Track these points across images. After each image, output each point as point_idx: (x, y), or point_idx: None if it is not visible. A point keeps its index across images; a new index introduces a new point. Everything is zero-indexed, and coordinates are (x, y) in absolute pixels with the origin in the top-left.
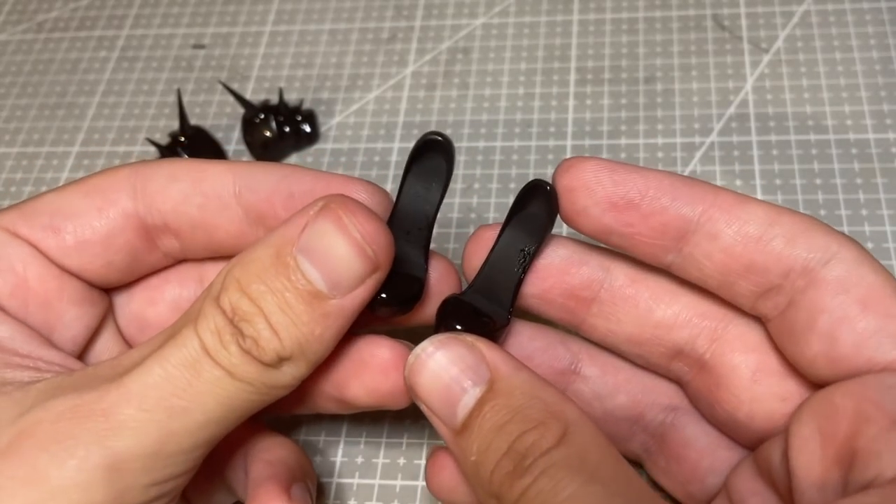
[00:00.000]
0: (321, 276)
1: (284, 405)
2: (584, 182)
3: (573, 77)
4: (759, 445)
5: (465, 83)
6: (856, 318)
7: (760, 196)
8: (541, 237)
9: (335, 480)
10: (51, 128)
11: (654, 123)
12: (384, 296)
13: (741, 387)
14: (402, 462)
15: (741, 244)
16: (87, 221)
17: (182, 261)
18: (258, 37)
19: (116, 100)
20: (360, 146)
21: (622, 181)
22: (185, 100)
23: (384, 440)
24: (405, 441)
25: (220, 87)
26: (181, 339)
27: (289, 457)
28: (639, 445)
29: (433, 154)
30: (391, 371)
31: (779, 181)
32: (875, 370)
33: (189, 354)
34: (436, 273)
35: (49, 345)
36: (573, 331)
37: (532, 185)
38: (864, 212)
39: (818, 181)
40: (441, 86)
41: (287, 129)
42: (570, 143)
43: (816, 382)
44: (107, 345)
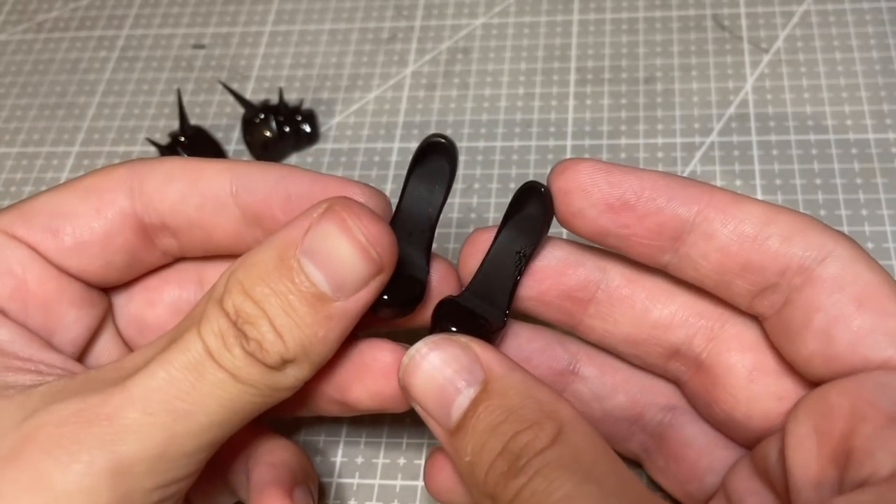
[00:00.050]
0: (325, 279)
1: (286, 407)
2: (580, 184)
3: (573, 77)
4: (757, 444)
5: (465, 83)
6: (851, 317)
7: (760, 196)
8: (537, 239)
9: (335, 480)
10: (51, 128)
11: (654, 123)
12: (386, 297)
13: (738, 386)
14: (402, 462)
15: (737, 243)
16: (86, 222)
17: (180, 259)
18: (258, 37)
19: (116, 100)
20: (360, 146)
21: (617, 182)
22: (185, 100)
23: (384, 440)
24: (405, 441)
25: (220, 87)
26: (184, 343)
27: (291, 459)
28: (638, 445)
29: (436, 156)
30: (393, 375)
31: (779, 181)
32: (870, 368)
33: (192, 357)
34: (436, 275)
35: (49, 347)
36: (570, 332)
37: (528, 187)
38: (864, 212)
39: (818, 181)
40: (441, 86)
41: (287, 129)
42: (570, 143)
43: (813, 381)
44: (106, 346)
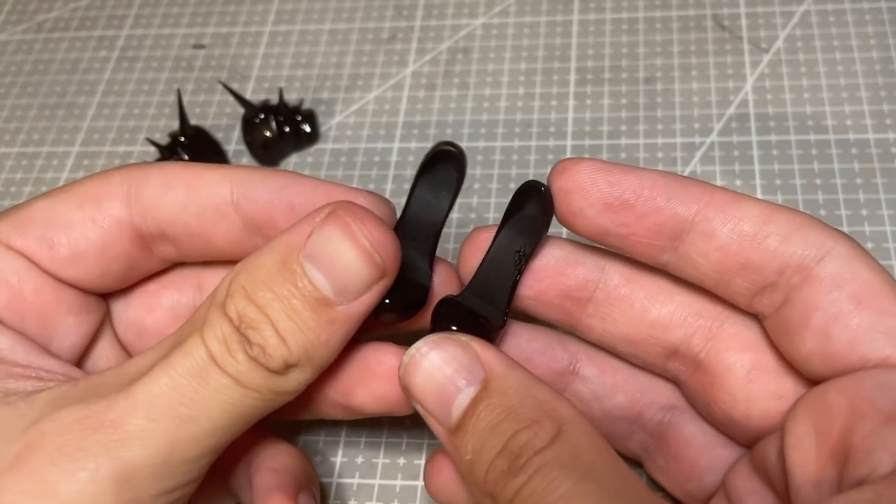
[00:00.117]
0: (328, 283)
1: (289, 411)
2: (579, 183)
3: (573, 77)
4: (756, 444)
5: (465, 83)
6: (849, 315)
7: (761, 196)
8: (536, 238)
9: (335, 481)
10: (51, 128)
11: (654, 123)
12: (388, 301)
13: (737, 385)
14: (402, 462)
15: (736, 242)
16: (82, 232)
17: (179, 264)
18: (258, 37)
19: (116, 100)
20: (360, 146)
21: (617, 182)
22: (185, 100)
23: (384, 440)
24: (405, 441)
25: (220, 87)
26: (187, 348)
27: (293, 464)
28: (638, 444)
29: (445, 164)
30: (397, 378)
31: (779, 181)
32: (869, 366)
33: (196, 363)
34: (438, 278)
35: (48, 353)
36: (570, 332)
37: (527, 187)
38: (864, 212)
39: (818, 181)
40: (441, 86)
41: (287, 129)
42: (570, 143)
43: (812, 379)
44: (105, 351)
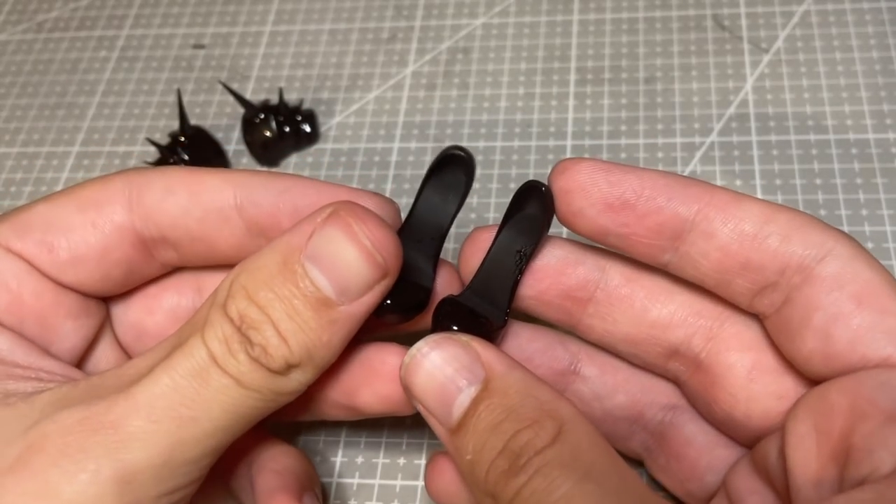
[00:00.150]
0: (329, 283)
1: (292, 412)
2: (580, 183)
3: (573, 77)
4: (757, 444)
5: (465, 83)
6: (850, 315)
7: (761, 196)
8: (537, 238)
9: (335, 481)
10: (51, 128)
11: (654, 123)
12: (390, 302)
13: (737, 386)
14: (402, 462)
15: (737, 242)
16: (82, 237)
17: (180, 268)
18: (258, 37)
19: (116, 100)
20: (360, 146)
21: (617, 182)
22: (185, 100)
23: (384, 440)
24: (405, 441)
25: (220, 87)
26: (188, 349)
27: (296, 465)
28: (639, 444)
29: (454, 168)
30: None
31: (779, 181)
32: (870, 366)
33: (197, 364)
34: (440, 280)
35: (48, 354)
36: (570, 332)
37: (528, 187)
38: (864, 212)
39: (818, 181)
40: (441, 86)
41: (287, 129)
42: (570, 143)
43: (813, 379)
44: (105, 353)
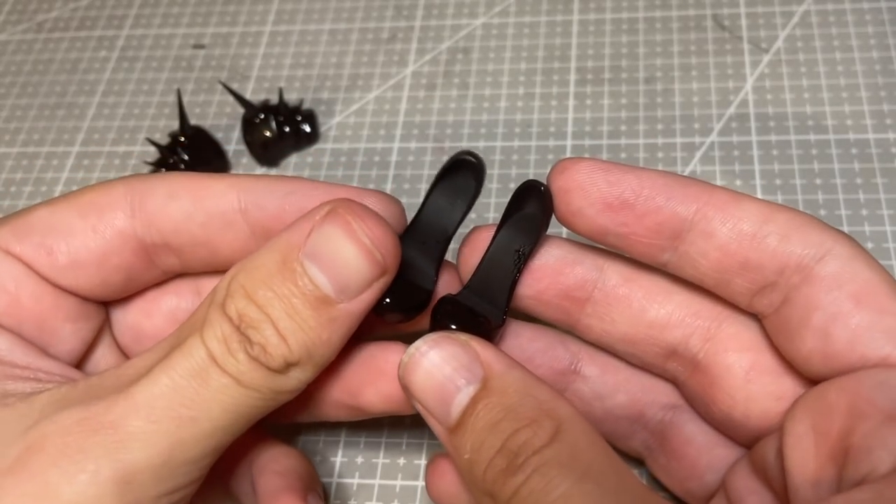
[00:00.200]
0: (328, 281)
1: (294, 413)
2: (579, 183)
3: (573, 77)
4: (755, 444)
5: (465, 83)
6: (849, 314)
7: (761, 196)
8: (536, 238)
9: (335, 481)
10: (51, 128)
11: (654, 123)
12: (390, 302)
13: (735, 386)
14: (402, 462)
15: (736, 242)
16: (82, 241)
17: (180, 275)
18: (258, 37)
19: (116, 100)
20: (360, 146)
21: (616, 181)
22: (185, 100)
23: (384, 440)
24: (405, 441)
25: (220, 87)
26: (187, 348)
27: (298, 466)
28: (640, 443)
29: (464, 172)
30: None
31: (779, 181)
32: (868, 366)
33: (196, 363)
34: (442, 282)
35: (47, 355)
36: (569, 331)
37: (527, 186)
38: (864, 212)
39: (818, 181)
40: (441, 86)
41: (287, 129)
42: (570, 143)
43: (812, 379)
44: (103, 355)
